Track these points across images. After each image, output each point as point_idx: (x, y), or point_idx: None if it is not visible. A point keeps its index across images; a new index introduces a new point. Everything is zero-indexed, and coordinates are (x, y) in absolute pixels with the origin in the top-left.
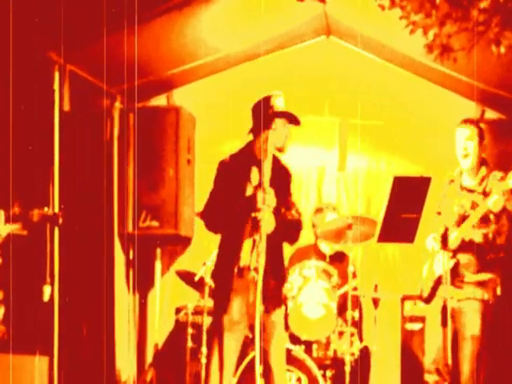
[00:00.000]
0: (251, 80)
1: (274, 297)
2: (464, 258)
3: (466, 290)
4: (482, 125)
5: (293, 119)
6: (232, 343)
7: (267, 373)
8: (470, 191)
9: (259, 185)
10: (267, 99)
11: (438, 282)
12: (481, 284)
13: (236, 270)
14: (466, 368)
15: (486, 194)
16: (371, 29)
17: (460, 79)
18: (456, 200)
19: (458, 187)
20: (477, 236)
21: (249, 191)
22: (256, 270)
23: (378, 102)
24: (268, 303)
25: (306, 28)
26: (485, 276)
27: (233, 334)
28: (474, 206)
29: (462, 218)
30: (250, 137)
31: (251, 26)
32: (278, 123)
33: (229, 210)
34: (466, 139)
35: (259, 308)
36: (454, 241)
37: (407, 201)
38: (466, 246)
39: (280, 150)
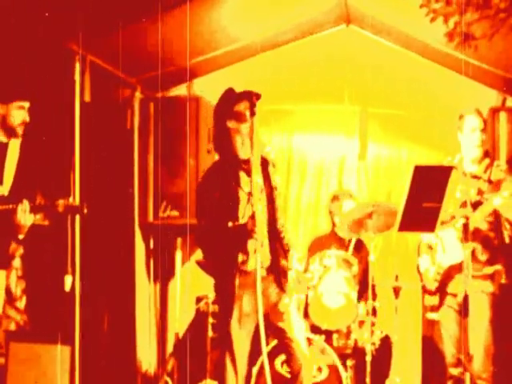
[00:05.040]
0: (271, 69)
1: (283, 272)
2: (472, 245)
3: (473, 283)
4: (503, 113)
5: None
6: (243, 336)
7: (289, 355)
8: (475, 177)
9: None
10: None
11: (448, 273)
12: (487, 277)
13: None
14: (477, 359)
15: (490, 181)
16: (391, 17)
17: (481, 67)
18: (458, 186)
19: (461, 174)
20: (483, 224)
21: (243, 199)
22: None
23: (398, 90)
24: (282, 283)
25: (326, 17)
26: (491, 269)
27: (244, 325)
28: (479, 192)
29: (466, 205)
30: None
31: (271, 16)
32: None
33: (225, 236)
34: (479, 129)
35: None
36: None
37: (428, 190)
38: (475, 234)
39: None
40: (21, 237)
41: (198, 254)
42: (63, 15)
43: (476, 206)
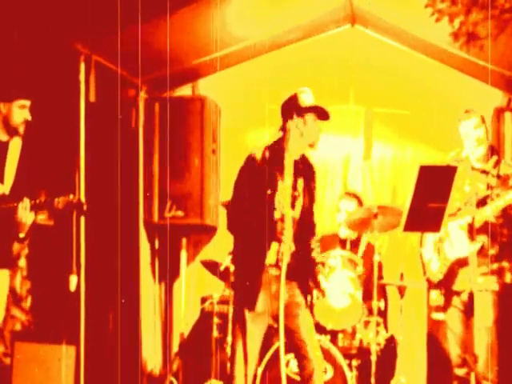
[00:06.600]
0: (276, 69)
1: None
2: (481, 240)
3: (479, 281)
4: (508, 113)
5: (322, 114)
6: (255, 334)
7: (299, 356)
8: (484, 172)
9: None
10: (295, 96)
11: (454, 267)
12: (493, 273)
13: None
14: (481, 359)
15: (499, 176)
16: (396, 17)
17: (486, 67)
18: (466, 180)
19: (469, 168)
20: (491, 219)
21: (280, 191)
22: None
23: (403, 90)
24: (306, 292)
25: (331, 17)
26: (495, 265)
27: (256, 324)
28: (489, 187)
29: (475, 199)
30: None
31: (276, 16)
32: (308, 119)
33: (255, 212)
34: (474, 128)
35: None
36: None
37: (433, 190)
38: (482, 230)
39: (311, 145)
40: (22, 235)
41: (203, 254)
42: (68, 15)
43: (484, 200)
